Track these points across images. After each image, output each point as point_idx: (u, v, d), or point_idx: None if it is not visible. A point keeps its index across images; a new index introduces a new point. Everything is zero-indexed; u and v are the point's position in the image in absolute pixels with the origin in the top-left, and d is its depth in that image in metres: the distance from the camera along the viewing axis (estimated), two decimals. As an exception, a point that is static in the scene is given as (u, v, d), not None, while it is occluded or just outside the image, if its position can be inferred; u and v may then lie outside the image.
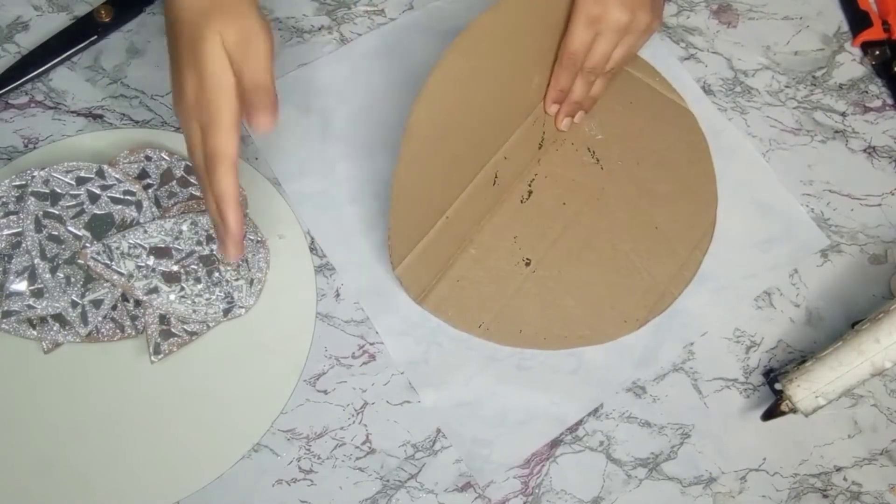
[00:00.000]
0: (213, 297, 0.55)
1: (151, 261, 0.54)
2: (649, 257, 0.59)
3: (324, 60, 0.64)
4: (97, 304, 0.54)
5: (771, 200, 0.62)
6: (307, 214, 0.59)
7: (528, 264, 0.58)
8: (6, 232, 0.54)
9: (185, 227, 0.56)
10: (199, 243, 0.56)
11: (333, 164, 0.60)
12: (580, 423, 0.56)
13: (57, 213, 0.55)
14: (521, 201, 0.59)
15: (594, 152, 0.62)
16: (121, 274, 0.53)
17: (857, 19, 0.68)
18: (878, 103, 0.66)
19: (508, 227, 0.59)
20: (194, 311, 0.54)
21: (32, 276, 0.53)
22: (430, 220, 0.57)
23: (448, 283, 0.57)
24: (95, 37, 0.62)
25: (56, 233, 0.54)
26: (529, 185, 0.60)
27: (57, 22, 0.63)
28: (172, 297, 0.54)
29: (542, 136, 0.61)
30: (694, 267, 0.59)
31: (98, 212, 0.55)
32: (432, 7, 0.66)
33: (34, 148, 0.59)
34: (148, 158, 0.58)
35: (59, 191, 0.55)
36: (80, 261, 0.54)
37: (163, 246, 0.55)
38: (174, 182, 0.58)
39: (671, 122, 0.64)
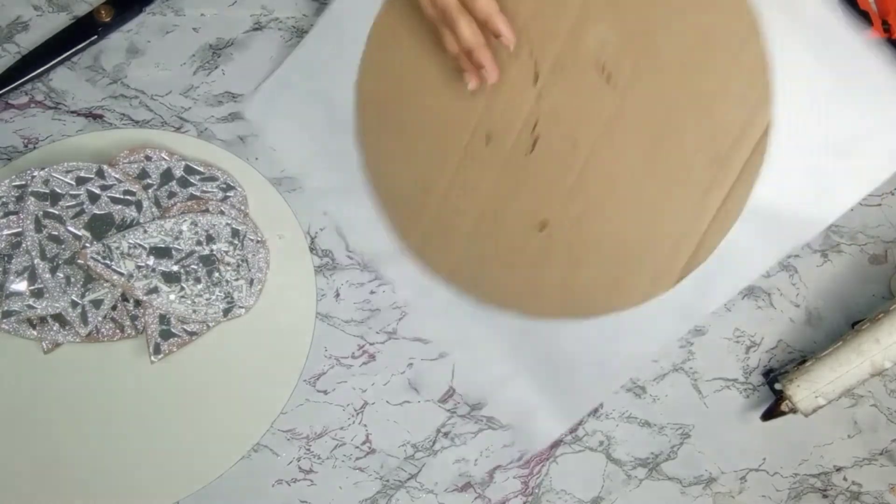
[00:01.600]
0: (213, 297, 0.55)
1: (151, 261, 0.54)
2: (682, 198, 0.48)
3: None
4: (97, 304, 0.54)
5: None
6: (329, 206, 0.59)
7: (542, 228, 0.52)
8: (6, 232, 0.54)
9: (185, 227, 0.56)
10: (199, 243, 0.56)
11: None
12: (580, 422, 0.56)
13: (57, 213, 0.55)
14: (526, 154, 0.51)
15: (604, 68, 0.49)
16: (121, 274, 0.53)
17: (857, 19, 0.68)
18: (878, 103, 0.66)
19: (516, 187, 0.52)
20: (194, 311, 0.54)
21: (32, 276, 0.53)
22: (419, 200, 0.55)
23: (464, 257, 0.54)
24: (95, 37, 0.62)
25: (56, 233, 0.54)
26: (533, 131, 0.51)
27: (57, 22, 0.63)
28: (172, 297, 0.54)
29: (534, 67, 0.51)
30: (741, 199, 0.47)
31: (98, 212, 0.55)
32: None
33: (34, 148, 0.59)
34: (148, 158, 0.58)
35: (59, 191, 0.55)
36: (80, 261, 0.54)
37: (163, 246, 0.55)
38: (174, 182, 0.58)
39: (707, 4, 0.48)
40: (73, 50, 0.61)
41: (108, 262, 0.53)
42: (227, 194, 0.58)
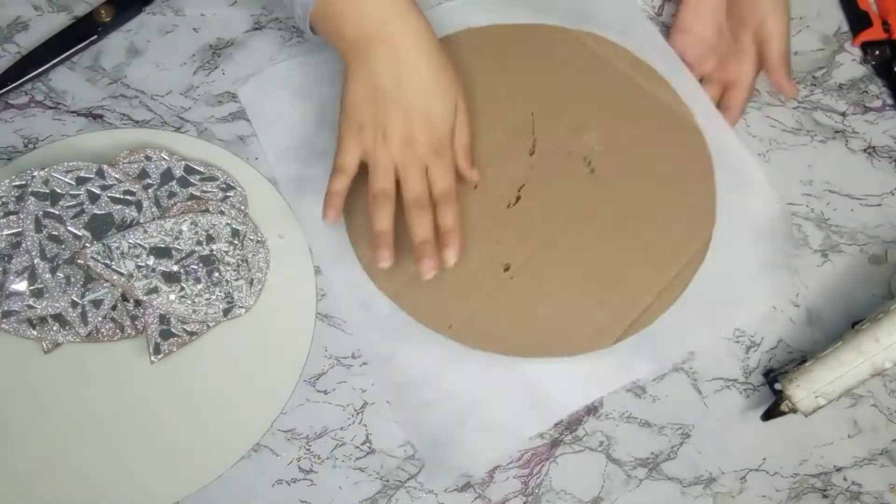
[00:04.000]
0: (213, 297, 0.55)
1: (151, 261, 0.54)
2: (635, 273, 0.58)
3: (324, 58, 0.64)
4: (97, 304, 0.54)
5: (772, 223, 0.61)
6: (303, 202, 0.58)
7: (506, 269, 0.57)
8: (6, 232, 0.54)
9: (185, 227, 0.56)
10: (199, 243, 0.56)
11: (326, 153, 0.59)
12: (580, 422, 0.56)
13: (57, 213, 0.55)
14: (508, 206, 0.59)
15: (590, 162, 0.61)
16: (121, 274, 0.53)
17: (857, 19, 0.68)
18: (878, 103, 0.66)
19: (491, 231, 0.58)
20: (194, 311, 0.54)
21: (32, 276, 0.53)
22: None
23: (423, 282, 0.54)
24: (95, 37, 0.62)
25: (56, 233, 0.54)
26: (518, 192, 0.60)
27: (57, 22, 0.63)
28: (172, 297, 0.54)
29: (532, 142, 0.61)
30: (680, 287, 0.58)
31: (98, 212, 0.55)
32: (441, 9, 0.66)
33: (34, 148, 0.59)
34: (148, 158, 0.58)
35: (59, 191, 0.55)
36: (80, 261, 0.54)
37: (163, 246, 0.55)
38: (174, 182, 0.58)
39: (676, 138, 0.63)
40: (73, 50, 0.61)
41: (108, 262, 0.53)
42: (227, 194, 0.58)
